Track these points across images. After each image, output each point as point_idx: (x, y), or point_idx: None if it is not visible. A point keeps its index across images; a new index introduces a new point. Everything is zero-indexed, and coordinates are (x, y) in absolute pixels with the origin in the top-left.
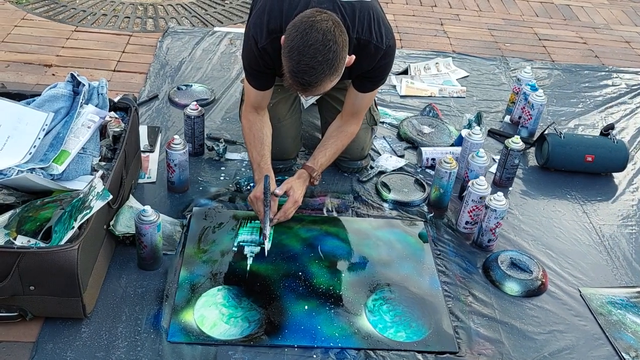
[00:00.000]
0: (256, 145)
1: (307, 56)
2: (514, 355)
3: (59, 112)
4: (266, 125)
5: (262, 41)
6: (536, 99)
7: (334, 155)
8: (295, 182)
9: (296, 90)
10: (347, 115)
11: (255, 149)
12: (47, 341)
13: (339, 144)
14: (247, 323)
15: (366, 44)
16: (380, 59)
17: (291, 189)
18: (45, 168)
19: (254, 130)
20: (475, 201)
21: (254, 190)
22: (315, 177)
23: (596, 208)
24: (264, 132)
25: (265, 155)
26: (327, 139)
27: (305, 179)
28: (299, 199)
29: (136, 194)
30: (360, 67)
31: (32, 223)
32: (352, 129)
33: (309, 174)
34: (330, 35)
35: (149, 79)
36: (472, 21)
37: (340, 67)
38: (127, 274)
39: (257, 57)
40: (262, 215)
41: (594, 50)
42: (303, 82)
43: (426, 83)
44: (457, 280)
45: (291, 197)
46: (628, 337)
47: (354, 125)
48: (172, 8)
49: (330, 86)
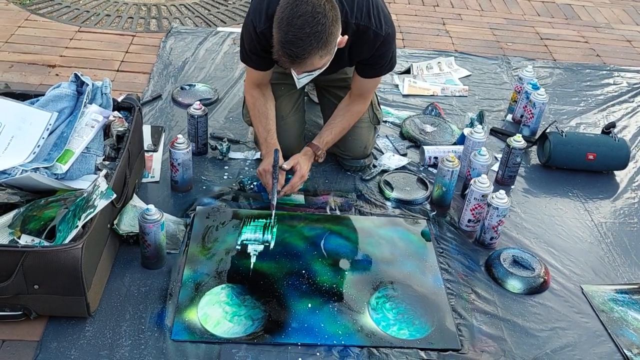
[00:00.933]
0: (261, 120)
1: (295, 27)
2: (517, 353)
3: (62, 111)
4: (269, 100)
5: (261, 25)
6: (538, 98)
7: (340, 134)
8: (301, 158)
9: (285, 64)
10: (355, 95)
11: (261, 123)
12: (51, 340)
13: (345, 123)
14: (251, 321)
15: (365, 30)
16: (380, 46)
17: (298, 164)
18: (49, 167)
19: (257, 105)
20: (477, 199)
21: (262, 163)
22: (320, 155)
23: (598, 206)
24: (267, 107)
25: (271, 129)
26: (334, 117)
27: (311, 156)
28: (305, 174)
29: (140, 193)
30: (360, 53)
31: (36, 222)
32: (360, 107)
33: (314, 152)
34: (320, 9)
35: (153, 79)
36: (474, 21)
37: (330, 43)
38: (131, 273)
39: (256, 42)
40: (271, 187)
41: (595, 49)
42: (290, 54)
43: (428, 82)
44: (460, 278)
45: (298, 172)
46: (630, 333)
47: (361, 104)
48: (175, 8)
49: (321, 63)
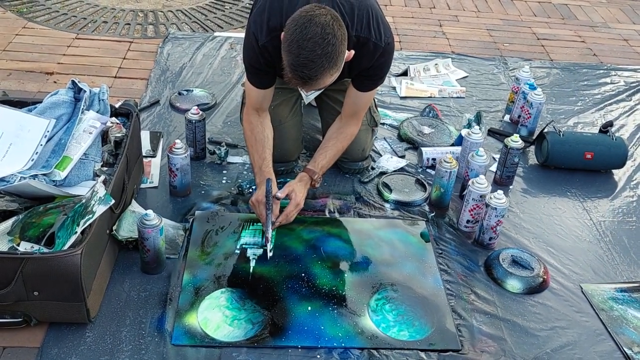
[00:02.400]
0: (257, 148)
1: (306, 49)
2: (517, 352)
3: (60, 118)
4: (267, 128)
5: (263, 39)
6: (535, 98)
7: (335, 157)
8: (296, 185)
9: (296, 85)
10: (347, 116)
11: (257, 152)
12: (51, 346)
13: (339, 146)
14: (251, 325)
15: (365, 42)
16: (379, 57)
17: (293, 192)
18: (47, 174)
19: (255, 132)
20: (475, 200)
21: (255, 193)
22: (316, 179)
23: (596, 205)
24: (265, 135)
25: (267, 158)
26: (327, 141)
27: (307, 182)
28: (301, 202)
29: (139, 198)
30: (359, 65)
31: (35, 229)
32: (352, 130)
33: (310, 177)
34: (329, 29)
35: (150, 85)
36: (470, 22)
37: (339, 61)
38: (131, 278)
39: (258, 55)
40: (265, 218)
41: (592, 48)
42: (303, 76)
43: (426, 84)
44: (459, 278)
45: (293, 200)
46: (630, 332)
47: (353, 126)
48: (172, 14)
49: (331, 81)
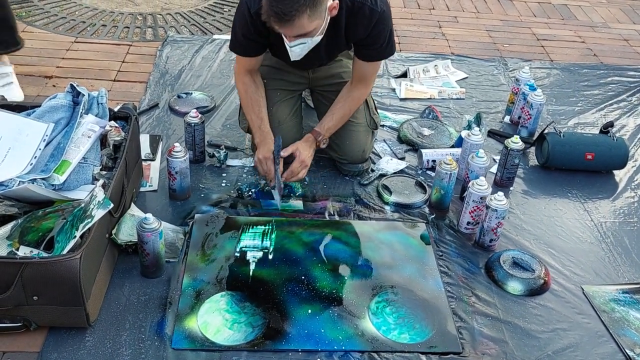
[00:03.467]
0: (254, 108)
1: None
2: (518, 355)
3: (59, 122)
4: (260, 87)
5: (255, 6)
6: (535, 99)
7: (342, 119)
8: (301, 145)
9: (274, 24)
10: (356, 81)
11: (254, 111)
12: (51, 351)
13: (346, 109)
14: (251, 328)
15: (360, 6)
16: (376, 25)
17: (297, 150)
18: (46, 178)
19: (249, 92)
20: (476, 201)
21: (258, 151)
22: (321, 140)
23: (597, 206)
24: (259, 94)
25: (264, 117)
26: (335, 104)
27: (312, 143)
28: (306, 160)
29: (138, 202)
30: (356, 32)
31: (34, 233)
32: (360, 93)
33: (315, 138)
34: None
35: (149, 88)
36: (470, 23)
37: (319, 4)
38: (130, 282)
39: (250, 24)
40: (272, 173)
41: (592, 49)
42: (277, 12)
43: (425, 85)
44: (460, 280)
45: (298, 158)
46: (632, 333)
47: (362, 89)
48: (171, 17)
49: (311, 27)
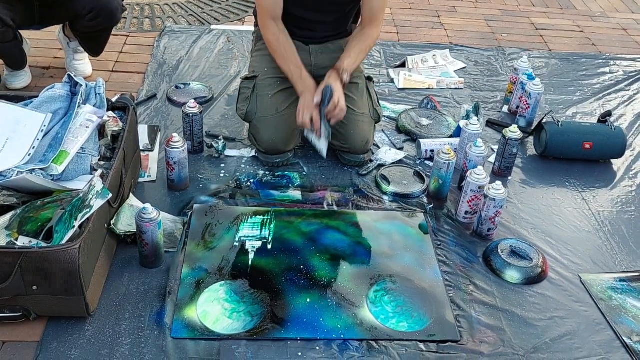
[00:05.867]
0: (290, 57)
1: None
2: (516, 342)
3: (57, 113)
4: (289, 37)
5: None
6: (533, 88)
7: (360, 55)
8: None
9: None
10: (366, 21)
11: (291, 61)
12: (51, 340)
13: (362, 46)
14: (250, 317)
15: None
16: None
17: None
18: (44, 169)
19: (281, 42)
20: (474, 191)
21: (302, 100)
22: (343, 75)
23: (595, 195)
24: (290, 42)
25: (302, 65)
26: (349, 44)
27: (335, 78)
28: (341, 92)
29: (137, 193)
30: None
31: (33, 224)
32: (373, 31)
33: (337, 73)
34: None
35: (147, 79)
36: (468, 12)
37: None
38: (130, 272)
39: None
40: (318, 122)
41: (591, 38)
42: None
43: (424, 75)
44: (458, 269)
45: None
46: (629, 321)
47: (374, 28)
48: (169, 7)
49: None
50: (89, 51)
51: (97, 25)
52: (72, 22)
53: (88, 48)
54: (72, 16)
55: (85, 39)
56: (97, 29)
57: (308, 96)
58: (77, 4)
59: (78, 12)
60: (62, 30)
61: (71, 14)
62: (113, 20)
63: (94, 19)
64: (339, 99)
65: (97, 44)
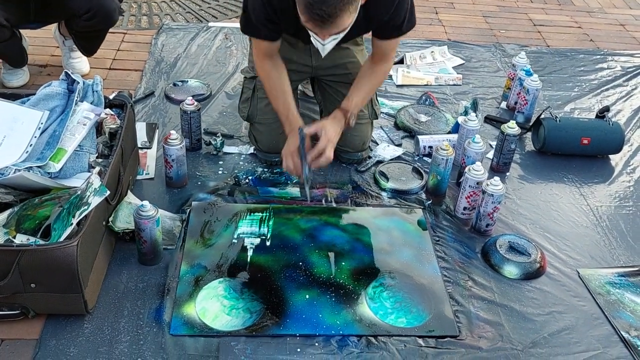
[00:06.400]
0: (279, 96)
1: None
2: (514, 337)
3: (54, 110)
4: (283, 73)
5: None
6: (531, 84)
7: (369, 94)
8: (327, 122)
9: (314, 28)
10: (377, 57)
11: (279, 100)
12: (50, 338)
13: (373, 82)
14: (249, 314)
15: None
16: (397, 6)
17: (323, 129)
18: (42, 166)
19: (272, 78)
20: (472, 187)
21: (286, 145)
22: (350, 118)
23: (593, 190)
24: (282, 80)
25: (291, 105)
26: (359, 80)
27: (340, 120)
28: (333, 138)
29: (135, 190)
30: (377, 14)
31: (31, 221)
32: (384, 67)
33: (344, 115)
34: None
35: (145, 76)
36: (466, 9)
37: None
38: (128, 270)
39: (266, 4)
40: (299, 167)
41: (589, 34)
42: (321, 14)
43: (422, 72)
44: (457, 265)
45: (324, 136)
46: (627, 315)
47: (385, 63)
48: (166, 5)
49: (349, 22)
50: (83, 50)
51: (94, 25)
52: (68, 21)
53: (82, 47)
54: (69, 15)
55: (80, 38)
56: (92, 29)
57: (292, 140)
58: (74, 4)
59: (75, 12)
60: (58, 28)
61: (68, 13)
62: (110, 21)
63: (91, 19)
64: (326, 145)
65: (92, 43)
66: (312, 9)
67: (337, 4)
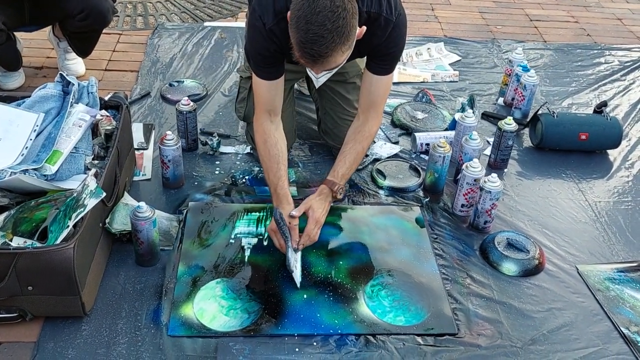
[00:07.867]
0: (272, 165)
1: (315, 24)
2: (513, 334)
3: (49, 112)
4: (281, 139)
5: (269, 22)
6: (528, 80)
7: (356, 161)
8: (314, 201)
9: (306, 64)
10: (364, 111)
11: (272, 170)
12: (48, 340)
13: (358, 148)
14: (247, 314)
15: (376, 17)
16: (391, 32)
17: (310, 209)
18: (38, 169)
19: (268, 145)
20: (470, 184)
21: (270, 223)
22: (337, 190)
23: (591, 185)
24: (278, 148)
25: (282, 176)
26: (345, 145)
27: (327, 195)
28: (320, 218)
29: (132, 191)
30: (370, 43)
31: (27, 224)
32: (371, 127)
33: (330, 189)
34: (339, 2)
35: (141, 77)
36: (462, 5)
37: (351, 36)
38: (126, 271)
39: (265, 39)
40: (284, 247)
41: (586, 28)
42: (313, 54)
43: (418, 69)
44: (455, 263)
45: (311, 218)
46: (627, 311)
47: (372, 121)
48: (162, 5)
49: (342, 60)
50: (77, 51)
51: (87, 26)
52: (62, 22)
53: (76, 48)
54: (63, 16)
55: (74, 39)
56: (86, 30)
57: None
58: (68, 4)
59: (68, 12)
60: (52, 30)
61: (62, 13)
62: (103, 21)
63: (84, 20)
64: (314, 226)
65: (86, 44)
66: (304, 48)
67: (329, 44)
